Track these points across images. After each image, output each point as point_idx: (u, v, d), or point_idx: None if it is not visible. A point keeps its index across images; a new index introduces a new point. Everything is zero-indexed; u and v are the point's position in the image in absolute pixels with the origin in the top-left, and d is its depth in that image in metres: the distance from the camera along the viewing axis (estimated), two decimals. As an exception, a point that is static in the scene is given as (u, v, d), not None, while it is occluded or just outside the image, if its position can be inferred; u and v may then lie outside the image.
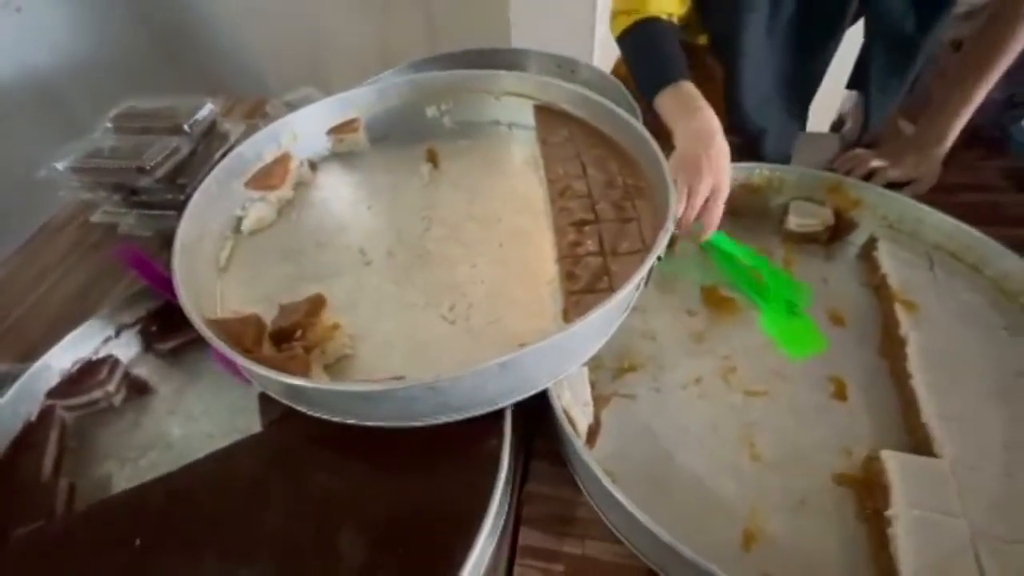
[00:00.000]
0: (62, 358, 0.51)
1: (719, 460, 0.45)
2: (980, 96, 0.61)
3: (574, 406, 0.44)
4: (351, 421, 0.40)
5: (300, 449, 0.45)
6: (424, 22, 1.46)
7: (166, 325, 0.55)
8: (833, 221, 0.59)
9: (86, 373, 0.51)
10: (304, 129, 0.63)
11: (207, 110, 0.67)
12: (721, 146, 0.50)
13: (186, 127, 0.64)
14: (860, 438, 0.45)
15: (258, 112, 0.89)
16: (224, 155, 0.57)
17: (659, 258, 0.40)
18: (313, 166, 0.65)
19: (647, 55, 0.62)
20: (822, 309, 0.55)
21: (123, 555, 0.40)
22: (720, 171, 0.49)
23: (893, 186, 0.63)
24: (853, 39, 0.67)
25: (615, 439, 0.47)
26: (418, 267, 0.52)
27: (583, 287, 0.43)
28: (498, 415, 0.42)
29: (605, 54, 0.95)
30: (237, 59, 1.53)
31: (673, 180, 0.46)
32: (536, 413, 0.45)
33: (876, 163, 0.66)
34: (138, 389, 0.53)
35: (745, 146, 0.69)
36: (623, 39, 0.65)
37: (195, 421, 0.51)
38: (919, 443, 0.43)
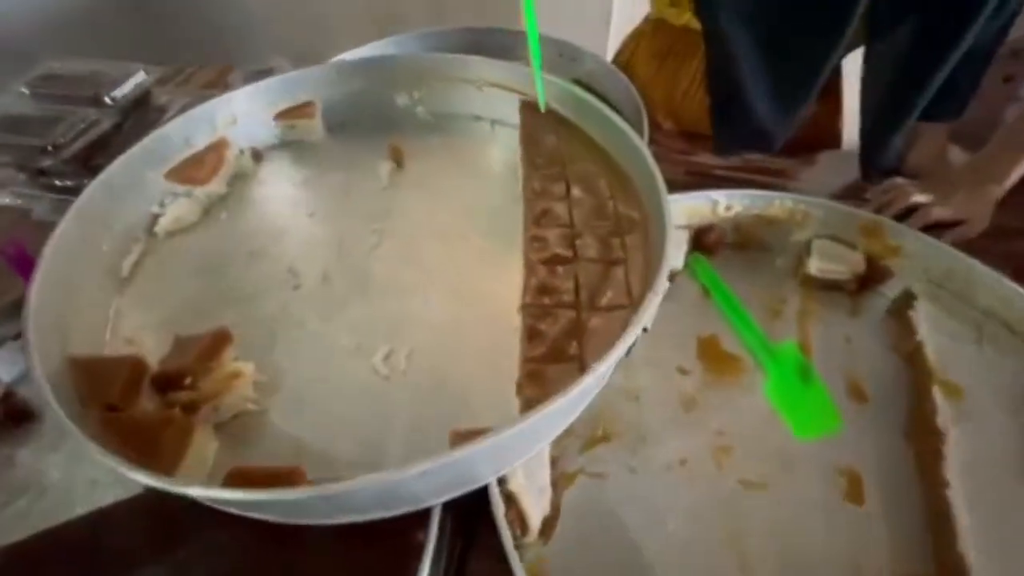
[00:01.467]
0: (-82, 379, 0.42)
1: (700, 565, 0.37)
2: None
3: (526, 493, 0.36)
4: (233, 512, 0.31)
5: (185, 520, 0.36)
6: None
7: (61, 338, 0.47)
8: (864, 269, 0.49)
9: (-49, 397, 0.43)
10: (247, 110, 0.53)
11: (137, 79, 0.56)
12: None
13: (107, 98, 0.54)
14: (875, 555, 0.37)
15: (218, 85, 0.78)
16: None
17: (645, 329, 0.31)
18: (257, 156, 0.55)
19: None
20: (840, 376, 0.46)
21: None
22: None
23: (935, 226, 0.54)
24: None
25: (576, 531, 0.38)
26: (356, 296, 0.43)
27: (545, 352, 0.34)
28: (427, 505, 0.33)
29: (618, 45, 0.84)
30: (216, 21, 1.40)
31: None
32: (479, 499, 0.37)
33: (918, 198, 0.56)
34: (17, 417, 0.44)
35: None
36: None
37: (80, 462, 0.42)
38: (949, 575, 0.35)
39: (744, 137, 0.67)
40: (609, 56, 0.83)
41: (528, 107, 0.53)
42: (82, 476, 0.42)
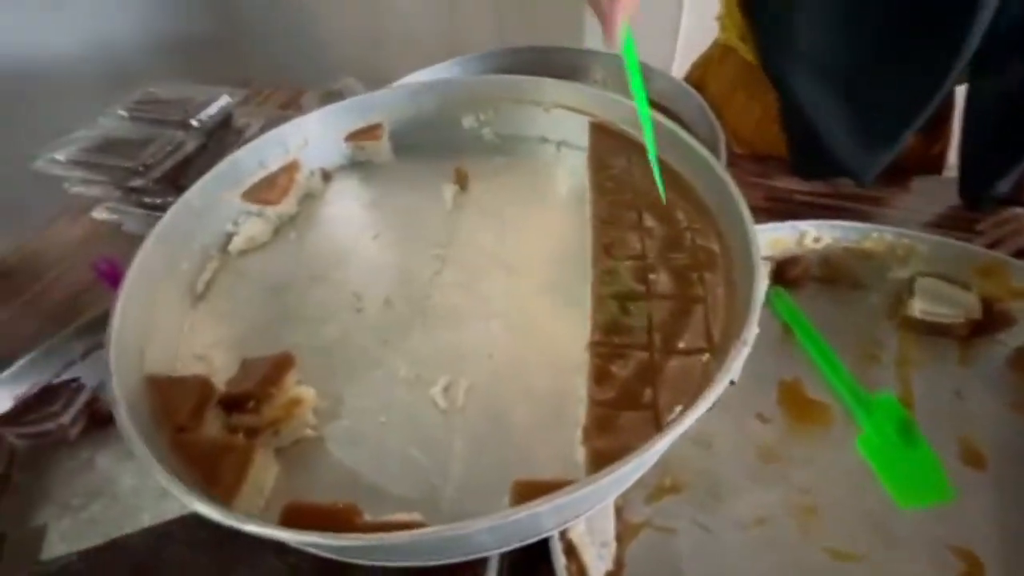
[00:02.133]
0: (17, 382, 0.45)
1: (781, 647, 0.33)
2: None
3: (588, 546, 0.33)
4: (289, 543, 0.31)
5: (244, 542, 0.36)
6: (493, 12, 1.34)
7: (141, 349, 0.49)
8: (980, 315, 0.43)
9: (42, 399, 0.45)
10: (318, 133, 0.55)
11: (221, 102, 0.59)
12: None
13: (194, 121, 0.57)
14: (1000, 657, 0.31)
15: (293, 106, 0.82)
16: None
17: (732, 382, 0.28)
18: (327, 176, 0.56)
19: None
20: (950, 436, 0.40)
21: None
22: None
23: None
24: None
25: (640, 589, 0.35)
26: (417, 324, 0.42)
27: (615, 397, 0.31)
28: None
29: (687, 63, 0.80)
30: (291, 43, 1.48)
31: None
32: (538, 546, 0.34)
33: (1043, 232, 0.50)
34: (99, 421, 0.47)
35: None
36: None
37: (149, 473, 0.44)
38: None
39: (827, 172, 0.62)
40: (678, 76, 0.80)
41: (597, 128, 0.51)
42: (152, 484, 0.43)
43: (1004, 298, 0.43)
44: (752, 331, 0.29)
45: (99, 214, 0.60)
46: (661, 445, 0.26)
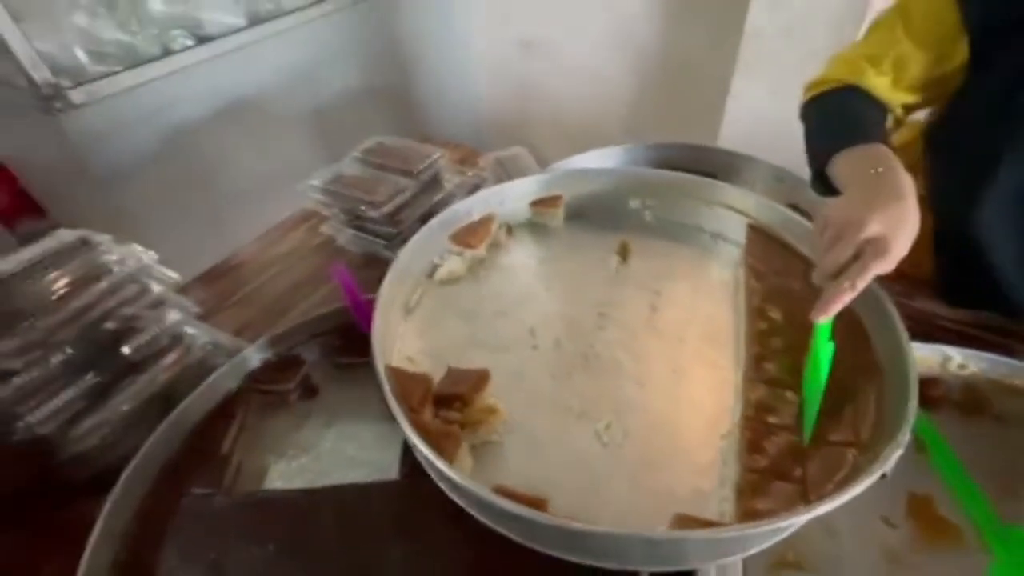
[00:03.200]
0: (265, 349, 0.59)
1: None
2: None
3: (716, 595, 0.38)
4: (477, 516, 0.39)
5: (427, 513, 0.45)
6: (638, 101, 1.48)
7: (348, 342, 0.62)
8: None
9: (278, 367, 0.59)
10: (512, 196, 0.67)
11: (434, 158, 0.74)
12: (906, 205, 0.40)
13: (415, 171, 0.72)
14: None
15: (469, 162, 0.97)
16: (437, 204, 0.63)
17: (884, 475, 0.33)
18: (509, 230, 0.68)
19: (835, 115, 0.55)
20: (1092, 587, 0.40)
21: (257, 552, 0.44)
22: (894, 225, 0.39)
23: None
24: None
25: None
26: (581, 367, 0.50)
27: (767, 467, 0.37)
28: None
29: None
30: (457, 105, 1.73)
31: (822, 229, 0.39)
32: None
33: None
34: (309, 393, 0.59)
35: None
36: (810, 104, 0.59)
37: (344, 440, 0.55)
38: None
39: (979, 302, 0.63)
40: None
41: (755, 230, 0.58)
42: (343, 451, 0.54)
43: None
44: (906, 435, 0.34)
45: (325, 228, 0.77)
46: (809, 514, 0.32)
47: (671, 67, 1.38)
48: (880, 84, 0.58)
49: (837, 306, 0.38)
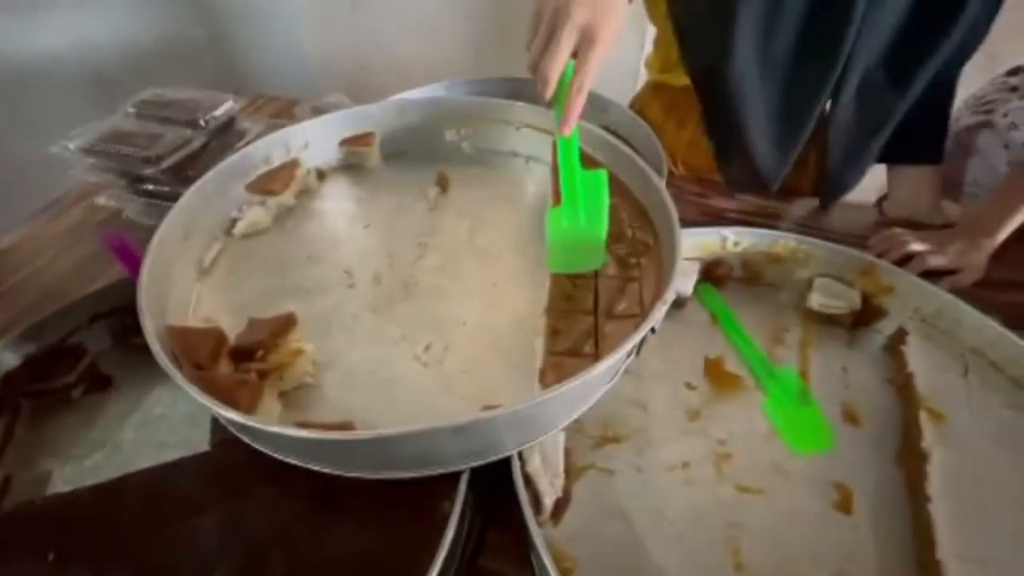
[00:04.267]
0: (26, 343, 0.49)
1: (696, 561, 0.40)
2: None
3: (542, 476, 0.40)
4: (291, 461, 0.36)
5: (243, 476, 0.42)
6: (473, 44, 1.47)
7: (142, 320, 0.54)
8: (859, 306, 0.54)
9: (50, 361, 0.49)
10: (317, 137, 0.62)
11: (227, 106, 0.66)
12: None
13: (202, 121, 0.63)
14: (861, 561, 0.40)
15: (285, 114, 0.89)
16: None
17: (652, 330, 0.36)
18: (321, 175, 0.63)
19: None
20: (836, 403, 0.50)
21: (31, 568, 0.37)
22: (600, 10, 0.37)
23: (931, 274, 0.58)
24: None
25: (584, 518, 0.42)
26: (402, 297, 0.49)
27: (566, 349, 0.39)
28: (456, 475, 0.38)
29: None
30: (282, 58, 1.57)
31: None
32: (502, 477, 0.41)
33: (916, 247, 0.61)
34: (100, 384, 0.51)
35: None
36: None
37: (150, 426, 0.49)
38: (930, 581, 0.38)
39: (746, 176, 0.73)
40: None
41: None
42: (151, 438, 0.48)
43: (878, 293, 0.54)
44: (671, 293, 0.37)
45: (102, 200, 0.65)
46: (597, 373, 0.34)
47: (504, 11, 1.37)
48: None
49: (575, 113, 0.40)
